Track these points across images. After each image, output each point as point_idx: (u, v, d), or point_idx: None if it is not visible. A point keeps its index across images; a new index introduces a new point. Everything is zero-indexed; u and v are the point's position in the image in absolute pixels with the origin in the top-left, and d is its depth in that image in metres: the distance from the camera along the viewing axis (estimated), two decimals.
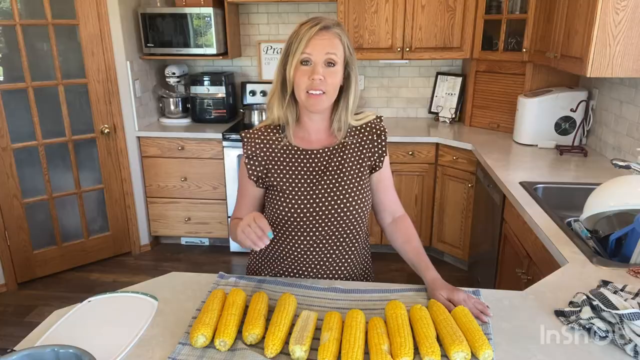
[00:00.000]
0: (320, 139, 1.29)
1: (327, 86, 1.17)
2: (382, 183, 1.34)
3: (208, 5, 3.23)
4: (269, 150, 1.28)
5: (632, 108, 2.30)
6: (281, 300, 1.11)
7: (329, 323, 1.03)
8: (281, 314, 1.06)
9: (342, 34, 1.18)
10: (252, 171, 1.28)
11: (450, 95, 3.53)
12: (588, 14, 2.07)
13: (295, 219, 1.26)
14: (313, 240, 1.28)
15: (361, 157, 1.29)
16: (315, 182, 1.26)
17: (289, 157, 1.27)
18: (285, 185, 1.26)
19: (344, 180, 1.26)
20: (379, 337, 0.98)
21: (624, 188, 1.50)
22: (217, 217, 3.46)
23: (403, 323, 1.02)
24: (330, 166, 1.26)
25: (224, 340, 0.99)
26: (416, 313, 1.07)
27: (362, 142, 1.29)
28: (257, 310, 1.08)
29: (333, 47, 1.15)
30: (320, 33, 1.14)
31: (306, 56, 1.15)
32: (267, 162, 1.28)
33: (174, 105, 3.57)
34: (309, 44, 1.14)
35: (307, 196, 1.25)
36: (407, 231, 1.34)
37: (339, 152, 1.27)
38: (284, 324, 1.03)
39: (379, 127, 1.31)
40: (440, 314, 1.06)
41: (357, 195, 1.26)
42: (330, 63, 1.16)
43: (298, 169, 1.27)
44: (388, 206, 1.36)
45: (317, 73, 1.15)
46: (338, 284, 1.27)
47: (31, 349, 0.91)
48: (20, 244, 3.01)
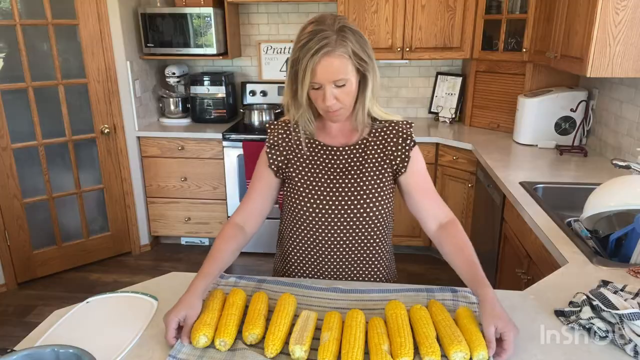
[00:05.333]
0: (343, 133, 1.28)
1: (343, 102, 1.16)
2: (418, 187, 1.29)
3: (208, 5, 3.23)
4: (291, 141, 1.28)
5: (632, 108, 2.30)
6: (281, 300, 1.11)
7: (328, 323, 1.03)
8: (281, 313, 1.06)
9: (347, 50, 1.11)
10: (272, 160, 1.28)
11: (450, 95, 3.53)
12: (588, 14, 2.07)
13: (313, 215, 1.26)
14: (333, 237, 1.27)
15: (383, 159, 1.26)
16: (335, 179, 1.25)
17: (311, 151, 1.27)
18: (304, 179, 1.26)
19: (365, 179, 1.25)
20: (379, 337, 0.98)
21: (624, 188, 1.50)
22: (217, 217, 3.46)
23: (403, 323, 1.02)
24: (351, 165, 1.26)
25: (224, 340, 0.99)
26: (416, 313, 1.07)
27: (385, 143, 1.27)
28: (257, 310, 1.07)
29: (339, 73, 1.11)
30: (323, 60, 1.09)
31: (315, 84, 1.13)
32: (288, 153, 1.28)
33: (174, 105, 3.57)
34: (315, 73, 1.10)
35: (326, 192, 1.25)
36: (457, 239, 1.24)
37: (361, 150, 1.26)
38: (284, 324, 1.03)
39: (405, 132, 1.28)
40: (440, 314, 1.06)
41: (377, 195, 1.25)
42: (340, 85, 1.13)
43: (318, 163, 1.26)
44: (429, 210, 1.29)
45: (329, 100, 1.14)
46: (339, 284, 1.26)
47: (31, 349, 0.91)
48: (20, 244, 3.01)
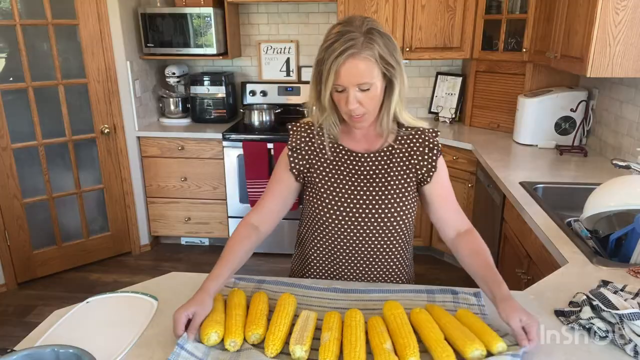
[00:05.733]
0: (367, 138, 1.26)
1: (367, 108, 1.14)
2: (440, 197, 1.27)
3: (208, 5, 3.23)
4: (314, 144, 1.25)
5: (632, 108, 2.30)
6: (281, 300, 1.11)
7: (328, 323, 1.03)
8: (281, 313, 1.06)
9: (373, 53, 1.09)
10: (294, 164, 1.25)
11: (450, 95, 3.53)
12: (588, 14, 2.07)
13: (335, 221, 1.23)
14: (354, 243, 1.25)
15: (408, 167, 1.24)
16: (359, 186, 1.23)
17: (334, 156, 1.24)
18: (327, 184, 1.24)
19: (389, 187, 1.22)
20: (379, 336, 0.98)
21: (624, 188, 1.50)
22: (217, 217, 3.46)
23: (402, 322, 1.02)
24: (375, 172, 1.23)
25: (234, 341, 0.99)
26: (418, 316, 1.06)
27: (411, 151, 1.24)
28: (260, 310, 1.07)
29: (363, 76, 1.09)
30: (348, 62, 1.07)
31: (338, 86, 1.11)
32: (311, 157, 1.25)
33: (174, 105, 3.57)
34: (339, 75, 1.08)
35: (350, 199, 1.22)
36: (474, 244, 1.24)
37: (386, 157, 1.24)
38: (284, 324, 1.03)
39: (432, 142, 1.25)
40: (444, 316, 1.06)
41: (401, 202, 1.23)
42: (364, 89, 1.11)
43: (341, 169, 1.24)
44: (449, 221, 1.28)
45: (352, 103, 1.11)
46: (337, 284, 1.26)
47: (31, 349, 0.91)
48: (20, 244, 3.01)
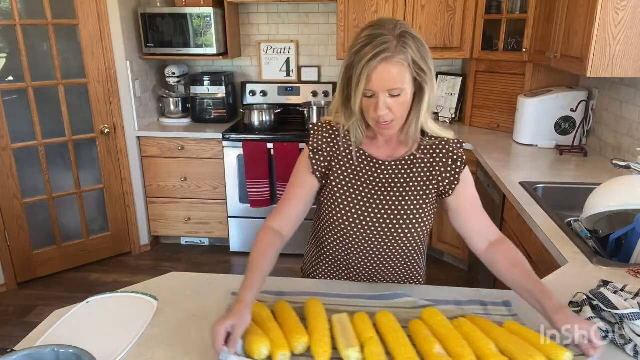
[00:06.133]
0: (390, 144, 1.23)
1: (395, 114, 1.11)
2: (467, 209, 1.24)
3: (208, 5, 3.23)
4: (336, 146, 1.22)
5: (632, 108, 2.30)
6: (311, 307, 1.07)
7: (365, 324, 1.01)
8: (319, 319, 1.02)
9: (407, 57, 1.06)
10: (316, 166, 1.22)
11: (450, 95, 3.53)
12: (588, 14, 2.07)
13: (349, 226, 1.21)
14: (367, 249, 1.23)
15: (429, 178, 1.21)
16: (376, 193, 1.20)
17: (354, 160, 1.21)
18: (343, 189, 1.21)
19: (407, 197, 1.20)
20: (427, 341, 0.95)
21: (624, 188, 1.50)
22: (217, 217, 3.46)
23: (450, 329, 0.98)
24: (395, 181, 1.20)
25: (284, 354, 0.95)
26: (464, 327, 1.02)
27: (433, 162, 1.21)
28: (294, 318, 1.03)
29: (395, 82, 1.06)
30: (380, 67, 1.05)
31: (368, 92, 1.09)
32: (332, 159, 1.22)
33: (174, 105, 3.57)
34: (370, 79, 1.06)
35: (364, 206, 1.20)
36: (512, 254, 1.18)
37: (407, 166, 1.21)
38: (326, 329, 0.99)
39: (456, 153, 1.21)
40: (494, 328, 1.01)
41: (418, 213, 1.20)
42: (395, 95, 1.08)
43: (360, 175, 1.21)
44: (479, 230, 1.24)
45: (381, 109, 1.08)
46: (356, 288, 1.23)
47: (31, 349, 0.91)
48: (20, 244, 3.01)
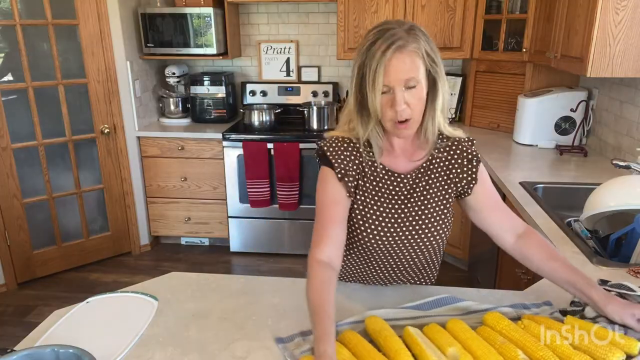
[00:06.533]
0: (406, 153, 1.20)
1: (413, 111, 1.07)
2: (488, 205, 1.22)
3: (208, 5, 3.23)
4: (361, 164, 1.18)
5: (632, 108, 2.30)
6: (376, 326, 1.02)
7: (442, 337, 0.98)
8: (395, 341, 0.96)
9: (419, 46, 1.04)
10: (348, 186, 1.16)
11: (451, 95, 3.53)
12: (588, 14, 2.07)
13: (371, 240, 1.19)
14: (389, 256, 1.22)
15: (447, 182, 1.20)
16: (397, 207, 1.18)
17: (374, 176, 1.19)
18: (369, 206, 1.18)
19: (428, 207, 1.18)
20: (506, 348, 0.94)
21: (624, 188, 1.50)
22: (217, 217, 3.46)
23: (524, 334, 0.97)
24: (415, 191, 1.19)
25: None
26: (530, 327, 1.01)
27: (449, 164, 1.19)
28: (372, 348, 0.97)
29: (411, 71, 1.03)
30: (395, 57, 1.02)
31: (385, 87, 1.05)
32: (359, 177, 1.18)
33: (174, 105, 3.57)
34: (387, 72, 1.02)
35: (389, 222, 1.18)
36: (544, 247, 1.17)
37: (425, 174, 1.19)
38: (404, 347, 0.96)
39: (470, 152, 1.19)
40: (556, 326, 1.00)
41: (439, 219, 1.20)
42: (411, 86, 1.05)
43: (383, 190, 1.19)
44: (503, 226, 1.22)
45: (399, 104, 1.04)
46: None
47: (31, 349, 0.91)
48: (20, 244, 3.01)
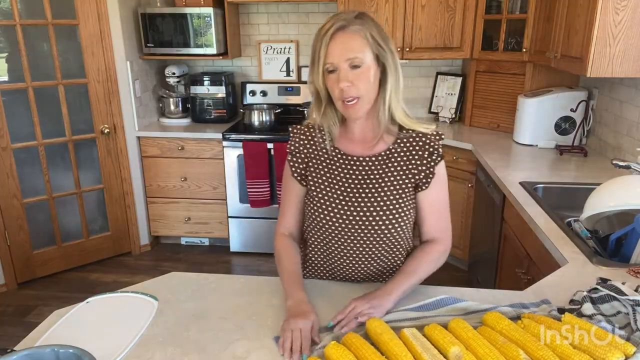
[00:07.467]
0: (366, 140, 1.21)
1: (359, 90, 1.08)
2: (427, 206, 1.22)
3: (208, 5, 3.23)
4: (312, 148, 1.24)
5: (632, 108, 2.30)
6: (377, 328, 1.01)
7: (444, 337, 0.97)
8: (396, 342, 0.95)
9: (363, 29, 1.06)
10: (294, 168, 1.25)
11: (450, 95, 3.53)
12: (588, 14, 2.07)
13: (330, 224, 1.21)
14: (350, 247, 1.23)
15: (405, 172, 1.19)
16: (350, 191, 1.19)
17: (329, 160, 1.22)
18: (319, 189, 1.22)
19: (385, 192, 1.18)
20: (507, 347, 0.94)
21: (624, 188, 1.50)
22: (217, 217, 3.46)
23: (524, 334, 0.97)
24: (370, 177, 1.19)
25: None
26: (530, 327, 1.00)
27: (410, 155, 1.19)
28: (374, 351, 0.95)
29: (353, 50, 1.06)
30: (337, 36, 1.05)
31: (329, 65, 1.07)
32: (309, 160, 1.24)
33: (174, 105, 3.57)
34: (328, 51, 1.06)
35: (343, 203, 1.19)
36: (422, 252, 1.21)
37: (383, 161, 1.19)
38: (405, 350, 0.94)
39: (433, 146, 1.18)
40: (556, 326, 0.99)
41: (395, 208, 1.18)
42: (355, 66, 1.07)
43: (336, 173, 1.21)
44: (428, 228, 1.24)
45: (342, 81, 1.07)
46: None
47: (31, 349, 0.91)
48: (20, 244, 3.01)
